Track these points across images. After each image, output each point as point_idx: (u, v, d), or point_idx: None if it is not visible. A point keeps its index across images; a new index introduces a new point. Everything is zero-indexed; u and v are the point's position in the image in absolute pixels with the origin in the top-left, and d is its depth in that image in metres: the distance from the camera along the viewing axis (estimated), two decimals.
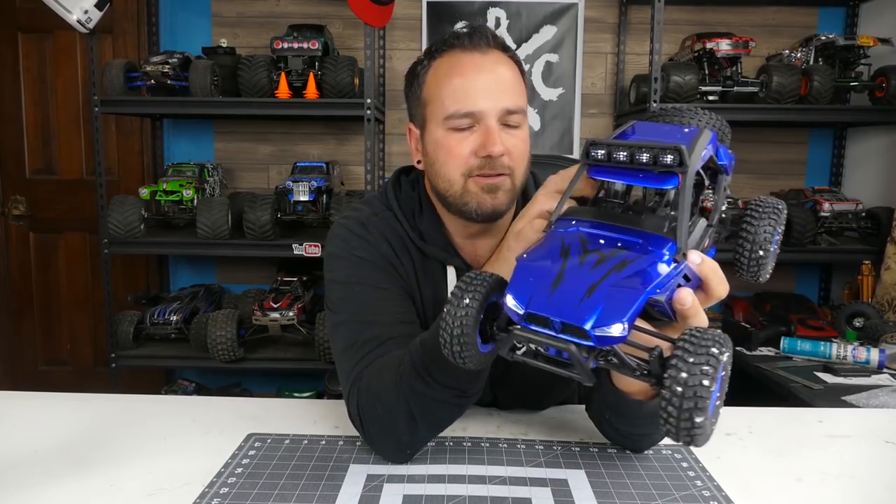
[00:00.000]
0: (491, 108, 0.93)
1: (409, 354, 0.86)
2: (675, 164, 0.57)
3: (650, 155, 0.57)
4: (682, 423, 0.50)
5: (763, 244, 0.66)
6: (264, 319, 2.51)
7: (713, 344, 0.51)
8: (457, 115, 0.94)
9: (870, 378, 1.95)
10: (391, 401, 0.87)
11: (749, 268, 0.67)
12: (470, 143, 0.94)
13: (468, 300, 0.60)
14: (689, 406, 0.50)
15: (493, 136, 0.92)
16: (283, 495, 0.81)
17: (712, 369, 0.50)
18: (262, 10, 3.04)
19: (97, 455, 0.93)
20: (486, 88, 0.93)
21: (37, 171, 3.19)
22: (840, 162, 3.04)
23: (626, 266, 0.55)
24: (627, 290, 0.53)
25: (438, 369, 0.83)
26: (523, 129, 0.98)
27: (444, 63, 0.97)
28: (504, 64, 0.97)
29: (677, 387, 0.50)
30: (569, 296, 0.53)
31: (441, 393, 0.85)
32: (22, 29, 3.07)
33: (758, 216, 0.67)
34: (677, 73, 2.51)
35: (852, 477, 0.89)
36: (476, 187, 0.95)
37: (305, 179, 2.54)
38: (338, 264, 1.02)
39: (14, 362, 3.28)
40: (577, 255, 0.57)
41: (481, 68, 0.94)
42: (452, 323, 0.61)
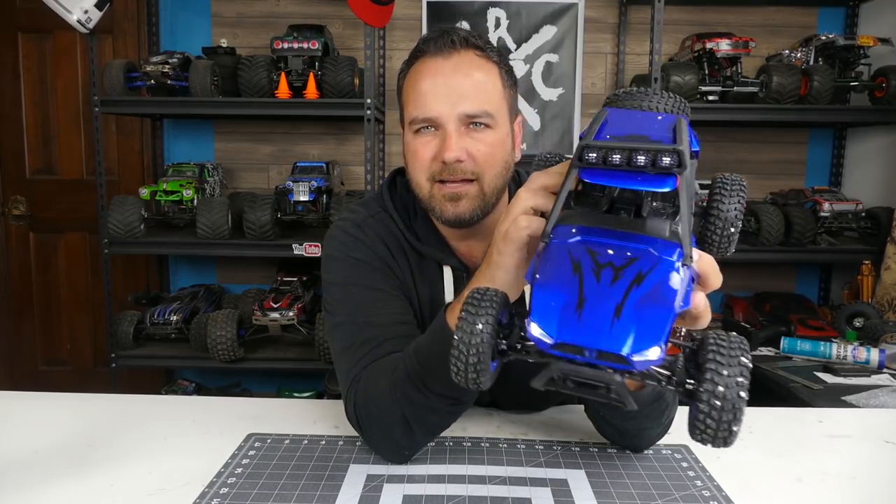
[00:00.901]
0: (448, 113, 0.93)
1: (404, 362, 0.86)
2: (673, 165, 0.55)
3: (648, 157, 0.55)
4: (720, 433, 0.51)
5: (734, 221, 0.65)
6: (264, 319, 2.51)
7: (741, 353, 0.51)
8: (417, 121, 0.95)
9: (870, 378, 1.95)
10: (386, 406, 0.87)
11: (720, 245, 0.66)
12: (431, 148, 0.95)
13: (481, 325, 0.57)
14: (728, 419, 0.50)
15: (447, 142, 0.93)
16: (283, 495, 0.81)
17: (745, 380, 0.50)
18: (262, 10, 3.04)
19: (97, 455, 0.93)
20: (445, 94, 0.93)
21: (37, 171, 3.19)
22: (840, 162, 3.04)
23: (644, 279, 0.53)
24: (655, 308, 0.51)
25: (433, 379, 0.83)
26: (496, 131, 0.96)
27: (414, 69, 0.99)
28: (471, 66, 0.95)
29: (716, 401, 0.50)
30: (598, 320, 0.51)
31: (436, 402, 0.85)
32: (22, 29, 3.07)
33: (727, 193, 0.65)
34: (677, 73, 2.51)
35: (852, 477, 0.89)
36: (439, 194, 0.96)
37: (305, 179, 2.54)
38: (335, 266, 1.03)
39: (14, 362, 3.28)
40: (591, 271, 0.55)
41: (440, 73, 0.94)
42: (468, 351, 0.57)
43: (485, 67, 0.96)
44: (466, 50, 0.96)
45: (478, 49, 0.96)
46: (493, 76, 0.96)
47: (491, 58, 0.97)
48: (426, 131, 0.96)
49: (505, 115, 0.98)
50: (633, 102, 0.68)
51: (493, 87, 0.96)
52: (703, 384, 0.50)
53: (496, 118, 0.95)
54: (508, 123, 0.99)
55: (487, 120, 0.94)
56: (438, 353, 0.81)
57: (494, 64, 0.97)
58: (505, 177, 0.99)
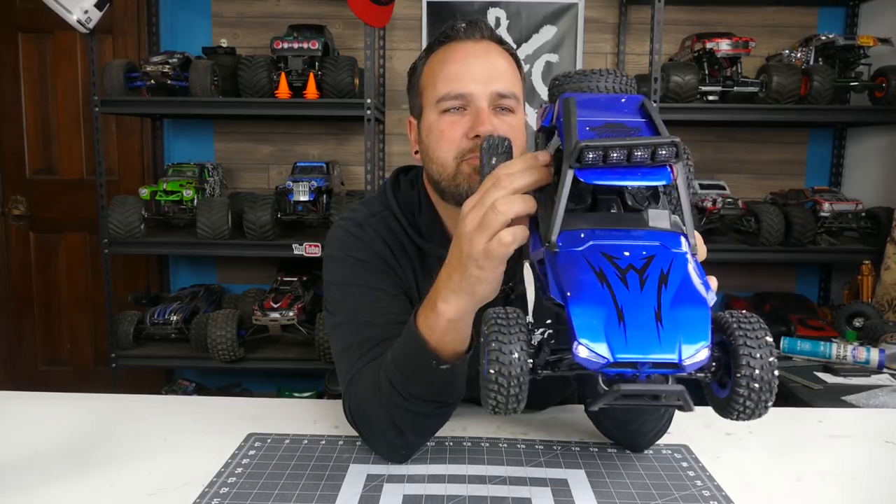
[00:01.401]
0: (481, 90, 0.96)
1: (384, 370, 0.86)
2: (672, 156, 0.54)
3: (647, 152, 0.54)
4: (758, 410, 0.54)
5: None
6: (264, 319, 2.51)
7: (765, 332, 0.53)
8: (448, 97, 0.97)
9: (870, 378, 1.95)
10: (374, 410, 0.88)
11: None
12: (461, 126, 0.97)
13: (517, 354, 0.54)
14: (766, 397, 0.53)
15: (482, 116, 0.95)
16: (283, 495, 0.81)
17: (774, 359, 0.53)
18: (262, 10, 3.04)
19: (97, 455, 0.93)
20: (478, 72, 0.97)
21: (37, 171, 3.19)
22: (840, 162, 3.04)
23: (668, 278, 0.53)
24: (692, 307, 0.51)
25: (414, 385, 0.83)
26: (517, 115, 1.00)
27: (440, 53, 1.02)
28: (498, 53, 1.01)
29: (755, 384, 0.52)
30: (643, 330, 0.50)
31: (421, 406, 0.85)
32: (22, 29, 3.07)
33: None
34: (677, 73, 2.51)
35: (852, 477, 0.89)
36: (469, 168, 0.96)
37: (305, 179, 2.54)
38: (335, 266, 1.03)
39: (14, 362, 3.28)
40: (617, 278, 0.53)
41: (474, 55, 0.99)
42: (509, 384, 0.54)
43: (507, 57, 1.02)
44: (491, 41, 1.02)
45: (501, 43, 1.04)
46: (514, 66, 1.03)
47: (510, 51, 1.04)
48: (454, 112, 0.97)
49: (521, 103, 1.02)
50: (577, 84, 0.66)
51: (515, 75, 1.02)
52: (740, 370, 0.52)
53: (518, 102, 1.00)
54: (523, 112, 1.04)
55: (513, 102, 0.98)
56: (416, 362, 0.81)
57: (512, 57, 1.04)
58: None
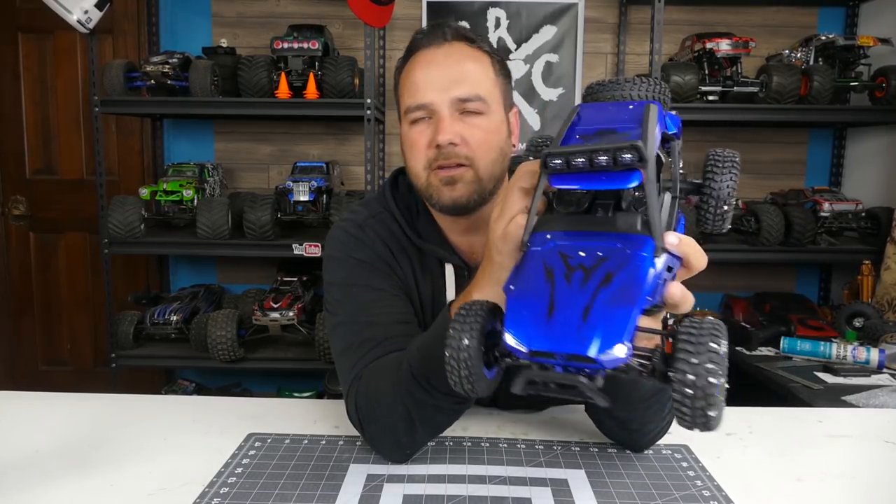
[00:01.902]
0: (440, 98, 0.95)
1: (407, 361, 0.86)
2: (634, 160, 0.55)
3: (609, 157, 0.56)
4: (697, 419, 0.52)
5: (727, 199, 0.66)
6: (264, 319, 2.51)
7: (711, 338, 0.52)
8: (412, 109, 0.97)
9: (870, 378, 1.95)
10: (389, 404, 0.87)
11: (714, 222, 0.67)
12: (426, 136, 0.97)
13: (467, 340, 0.60)
14: (700, 405, 0.51)
15: (441, 124, 0.94)
16: (283, 495, 0.81)
17: (716, 366, 0.51)
18: (262, 10, 3.04)
19: (97, 455, 0.93)
20: (437, 80, 0.96)
21: (37, 171, 3.19)
22: (840, 162, 3.04)
23: (613, 278, 0.55)
24: (620, 307, 0.53)
25: (438, 378, 0.83)
26: (489, 118, 0.97)
27: (409, 63, 1.01)
28: (463, 55, 0.98)
29: (687, 389, 0.51)
30: (566, 325, 0.53)
31: (441, 400, 0.85)
32: (22, 29, 3.07)
33: (719, 171, 0.67)
34: (677, 73, 2.51)
35: (852, 477, 0.89)
36: (436, 180, 0.97)
37: (305, 179, 2.54)
38: (335, 266, 1.03)
39: (14, 362, 3.28)
40: (563, 275, 0.56)
41: (433, 62, 0.97)
42: (458, 366, 0.61)
43: (475, 56, 0.99)
44: (458, 41, 0.99)
45: (469, 41, 1.00)
46: (484, 64, 0.99)
47: (483, 48, 1.00)
48: (421, 121, 0.97)
49: (498, 103, 0.99)
50: (609, 93, 0.68)
51: (485, 73, 0.98)
52: (675, 373, 0.52)
53: (489, 104, 0.97)
54: (503, 111, 1.00)
55: (479, 105, 0.96)
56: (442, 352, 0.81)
57: (486, 53, 1.00)
58: (501, 164, 1.00)
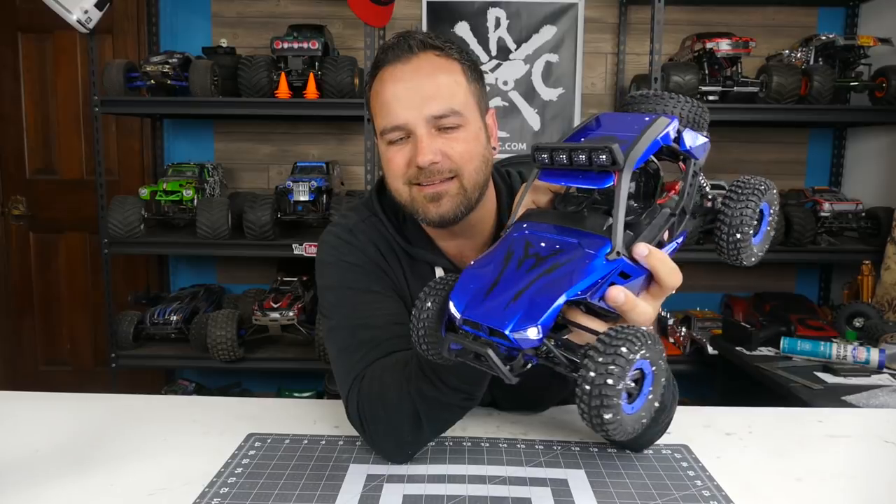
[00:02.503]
0: (415, 117, 0.92)
1: (417, 358, 0.86)
2: (608, 163, 0.58)
3: (585, 156, 0.59)
4: (593, 419, 0.53)
5: (740, 227, 0.66)
6: (264, 319, 2.51)
7: (624, 343, 0.53)
8: (387, 130, 0.95)
9: (870, 378, 1.95)
10: (395, 403, 0.88)
11: (728, 251, 0.67)
12: (405, 155, 0.94)
13: (429, 304, 0.66)
14: (596, 404, 0.52)
15: (420, 146, 0.92)
16: (283, 495, 0.81)
17: (618, 369, 0.52)
18: (262, 10, 3.04)
19: (97, 455, 0.93)
20: (408, 98, 0.92)
21: (37, 171, 3.19)
22: (840, 162, 3.04)
23: (557, 269, 0.58)
24: (547, 296, 0.56)
25: (448, 372, 0.83)
26: (466, 129, 0.94)
27: (377, 79, 0.97)
28: (432, 67, 0.94)
29: (585, 385, 0.53)
30: (498, 302, 0.58)
31: (450, 396, 0.85)
32: (22, 29, 3.07)
33: (736, 198, 0.67)
34: (677, 73, 2.51)
35: (852, 477, 0.89)
36: (420, 196, 0.95)
37: (305, 179, 2.54)
38: (328, 271, 1.04)
39: (14, 362, 3.28)
40: (517, 260, 0.61)
41: (401, 79, 0.93)
42: (417, 325, 0.67)
43: (445, 66, 0.95)
44: (425, 52, 0.95)
45: (436, 49, 0.95)
46: (455, 74, 0.95)
47: (451, 55, 0.96)
48: (399, 141, 0.95)
49: (473, 111, 0.96)
50: (646, 105, 0.71)
51: (457, 84, 0.95)
52: (580, 369, 0.54)
53: (465, 115, 0.94)
54: (479, 118, 0.98)
55: (456, 119, 0.93)
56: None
57: (455, 61, 0.96)
58: (485, 171, 0.98)
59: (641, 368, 0.55)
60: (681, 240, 0.69)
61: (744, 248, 0.67)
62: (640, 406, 0.56)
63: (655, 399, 0.58)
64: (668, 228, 0.66)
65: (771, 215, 0.71)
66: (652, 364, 0.56)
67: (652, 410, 0.58)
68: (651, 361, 0.56)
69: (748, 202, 0.66)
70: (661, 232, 0.65)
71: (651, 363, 0.56)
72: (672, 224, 0.67)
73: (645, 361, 0.55)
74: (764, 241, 0.70)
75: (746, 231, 0.66)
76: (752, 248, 0.68)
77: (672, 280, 0.64)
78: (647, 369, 0.56)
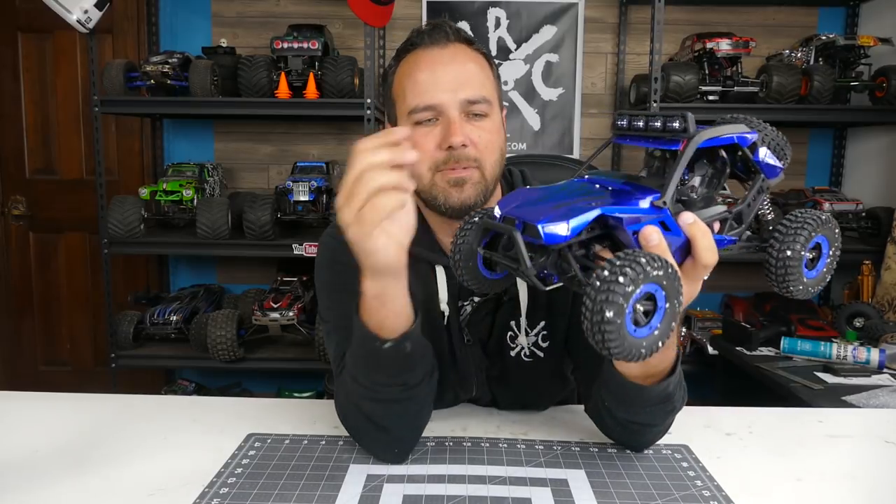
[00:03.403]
0: (450, 99, 0.94)
1: (347, 371, 0.88)
2: (680, 128, 0.62)
3: (661, 122, 0.64)
4: (595, 315, 0.54)
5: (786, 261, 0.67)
6: (264, 319, 2.51)
7: (647, 258, 0.55)
8: (418, 109, 0.96)
9: (870, 378, 1.94)
10: (352, 413, 0.90)
11: (778, 283, 0.69)
12: (434, 137, 0.95)
13: (466, 232, 0.73)
14: (601, 299, 0.54)
15: (453, 126, 0.93)
16: (283, 495, 0.81)
17: (634, 273, 0.54)
18: (262, 10, 3.04)
19: (97, 455, 0.93)
20: (446, 81, 0.95)
21: (37, 171, 3.18)
22: (840, 162, 3.04)
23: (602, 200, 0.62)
24: (584, 206, 0.60)
25: (371, 371, 0.84)
26: (492, 119, 0.98)
27: (407, 62, 0.99)
28: (466, 56, 0.98)
29: (597, 281, 0.55)
30: (540, 208, 0.62)
31: (385, 392, 0.85)
32: (22, 29, 3.07)
33: (782, 235, 0.68)
34: (677, 73, 2.51)
35: (852, 477, 0.89)
36: (443, 181, 0.96)
37: (305, 179, 2.54)
38: (323, 273, 1.05)
39: (14, 362, 3.28)
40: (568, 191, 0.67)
41: (440, 62, 0.96)
42: (454, 251, 0.74)
43: (476, 58, 0.99)
44: (458, 42, 0.99)
45: (467, 42, 1.00)
46: (484, 66, 1.00)
47: (480, 50, 1.01)
48: (427, 123, 0.96)
49: (497, 104, 1.01)
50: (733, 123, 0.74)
51: (486, 76, 0.99)
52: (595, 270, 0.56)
53: (492, 105, 0.98)
54: (500, 112, 1.02)
55: (485, 107, 0.96)
56: (364, 348, 0.83)
57: (483, 55, 1.01)
58: (501, 164, 1.01)
59: (654, 294, 0.56)
60: (729, 242, 0.70)
61: (792, 268, 0.67)
62: (644, 334, 0.57)
63: (662, 337, 0.58)
64: (718, 221, 0.69)
65: (830, 256, 0.71)
66: (666, 295, 0.57)
67: (655, 346, 0.58)
68: (666, 292, 0.56)
69: (805, 223, 0.68)
70: (711, 221, 0.68)
71: (665, 294, 0.56)
72: (724, 221, 0.69)
73: (659, 289, 0.56)
74: (818, 280, 0.71)
75: (797, 250, 0.67)
76: (802, 277, 0.69)
77: (707, 256, 0.65)
78: (661, 299, 0.57)
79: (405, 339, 0.82)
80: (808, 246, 0.68)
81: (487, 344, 1.07)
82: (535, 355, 1.05)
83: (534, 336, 1.05)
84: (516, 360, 1.06)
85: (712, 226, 0.68)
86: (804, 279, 0.69)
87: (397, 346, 0.81)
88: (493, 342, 1.06)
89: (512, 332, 1.05)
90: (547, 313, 1.04)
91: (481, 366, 1.07)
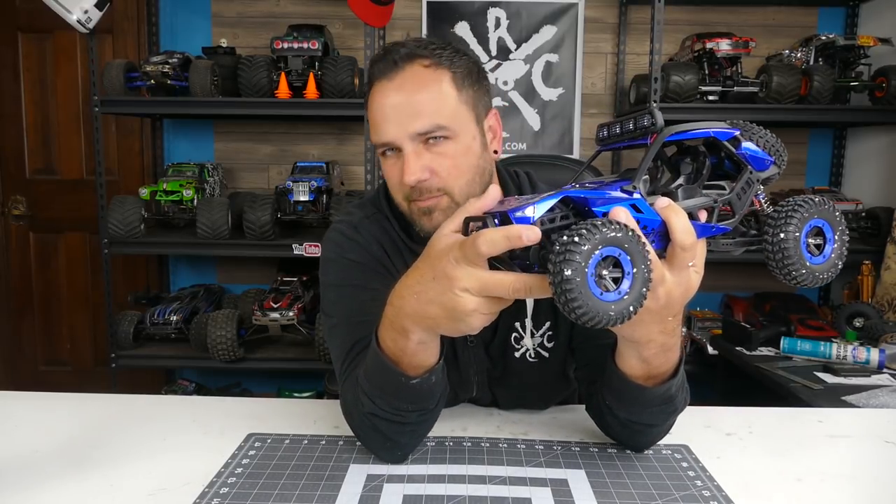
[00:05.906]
0: (400, 135, 0.91)
1: (360, 385, 0.86)
2: (649, 124, 0.65)
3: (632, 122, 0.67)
4: (555, 277, 0.57)
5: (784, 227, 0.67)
6: (264, 319, 2.51)
7: (604, 222, 0.57)
8: (379, 145, 0.96)
9: (870, 378, 1.94)
10: (360, 420, 0.89)
11: (780, 271, 0.69)
12: (397, 170, 0.95)
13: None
14: (560, 260, 0.56)
15: (406, 165, 0.91)
16: (283, 495, 0.81)
17: (589, 233, 0.56)
18: (262, 10, 3.04)
19: (97, 455, 0.93)
20: (394, 116, 0.91)
21: (37, 171, 3.19)
22: (840, 162, 3.04)
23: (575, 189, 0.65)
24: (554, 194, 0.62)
25: (391, 398, 0.83)
26: (457, 140, 0.93)
27: (370, 94, 0.97)
28: (417, 82, 0.91)
29: (556, 245, 0.57)
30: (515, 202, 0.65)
31: (403, 416, 0.84)
32: (22, 29, 3.07)
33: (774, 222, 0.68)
34: (677, 73, 2.51)
35: (852, 477, 0.89)
36: (416, 209, 0.96)
37: (305, 179, 2.54)
38: (330, 268, 1.04)
39: (14, 362, 3.28)
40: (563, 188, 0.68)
41: (387, 96, 0.92)
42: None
43: (432, 78, 0.92)
44: (410, 65, 0.92)
45: (423, 59, 0.92)
46: (442, 84, 0.92)
47: (441, 63, 0.93)
48: (390, 153, 0.95)
49: (466, 120, 0.94)
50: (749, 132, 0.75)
51: (445, 96, 0.92)
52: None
53: (452, 128, 0.92)
54: (473, 126, 0.95)
55: (443, 132, 0.91)
56: (386, 379, 0.81)
57: (445, 69, 0.93)
58: (479, 182, 0.96)
59: (619, 259, 0.58)
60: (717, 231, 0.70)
61: (788, 251, 0.67)
62: (612, 298, 0.58)
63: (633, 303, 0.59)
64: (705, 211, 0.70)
65: (837, 241, 0.70)
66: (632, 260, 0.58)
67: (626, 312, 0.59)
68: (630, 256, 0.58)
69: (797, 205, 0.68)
70: (695, 209, 0.69)
71: (630, 258, 0.58)
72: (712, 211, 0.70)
73: (623, 253, 0.58)
74: (828, 266, 0.70)
75: (791, 232, 0.67)
76: (804, 262, 0.68)
77: (684, 238, 0.65)
78: (626, 263, 0.58)
79: (432, 374, 0.81)
80: (805, 229, 0.68)
81: (491, 345, 1.06)
82: (540, 356, 1.05)
83: (539, 337, 1.05)
84: (521, 361, 1.06)
85: (698, 215, 0.69)
86: (807, 264, 0.68)
87: (423, 382, 0.81)
88: (497, 343, 1.06)
89: (517, 333, 1.05)
90: (552, 314, 1.04)
91: (482, 366, 1.07)
